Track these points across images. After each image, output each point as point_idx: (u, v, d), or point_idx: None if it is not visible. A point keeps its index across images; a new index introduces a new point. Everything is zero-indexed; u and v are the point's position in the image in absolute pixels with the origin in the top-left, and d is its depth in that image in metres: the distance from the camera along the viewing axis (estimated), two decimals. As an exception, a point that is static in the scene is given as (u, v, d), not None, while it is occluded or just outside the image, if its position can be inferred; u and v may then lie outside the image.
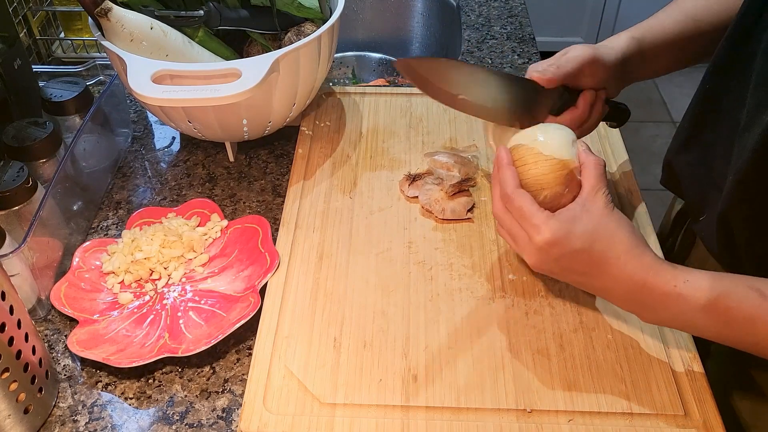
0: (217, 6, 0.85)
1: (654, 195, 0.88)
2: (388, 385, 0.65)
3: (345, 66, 1.31)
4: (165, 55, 0.81)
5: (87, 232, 0.84)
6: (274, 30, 0.90)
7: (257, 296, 0.71)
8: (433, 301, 0.72)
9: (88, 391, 0.67)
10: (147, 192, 0.90)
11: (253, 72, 0.74)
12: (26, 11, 1.07)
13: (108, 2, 0.77)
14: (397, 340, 0.68)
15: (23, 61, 0.87)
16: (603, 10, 2.73)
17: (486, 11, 1.27)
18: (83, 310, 0.72)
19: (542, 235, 0.61)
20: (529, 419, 0.62)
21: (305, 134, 0.94)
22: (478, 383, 0.65)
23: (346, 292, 0.73)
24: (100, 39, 0.80)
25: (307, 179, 0.87)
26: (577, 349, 0.67)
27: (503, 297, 0.72)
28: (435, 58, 0.68)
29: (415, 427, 0.61)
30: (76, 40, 1.15)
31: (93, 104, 0.87)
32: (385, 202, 0.84)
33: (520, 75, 0.73)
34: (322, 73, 0.89)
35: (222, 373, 0.69)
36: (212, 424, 0.65)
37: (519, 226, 0.64)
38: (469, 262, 0.76)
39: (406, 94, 1.01)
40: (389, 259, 0.77)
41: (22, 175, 0.73)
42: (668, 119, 2.57)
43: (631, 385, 0.64)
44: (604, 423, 0.62)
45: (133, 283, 0.76)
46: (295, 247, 0.78)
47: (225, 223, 0.82)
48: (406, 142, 0.92)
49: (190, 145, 0.96)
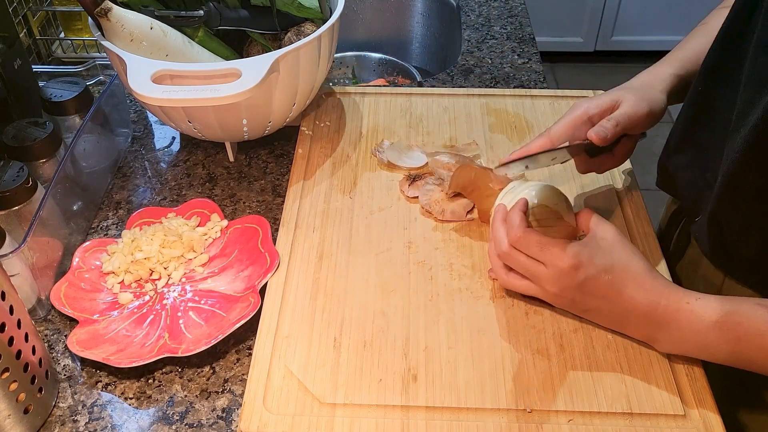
0: (217, 6, 0.85)
1: (654, 195, 0.88)
2: (388, 385, 0.64)
3: (345, 66, 1.31)
4: (165, 55, 0.81)
5: (87, 232, 0.84)
6: (274, 30, 0.90)
7: (257, 296, 0.71)
8: (433, 301, 0.72)
9: (88, 391, 0.67)
10: (147, 192, 0.90)
11: (253, 72, 0.74)
12: (26, 11, 1.07)
13: (108, 2, 0.77)
14: (397, 340, 0.68)
15: (23, 61, 0.87)
16: (603, 10, 2.73)
17: (486, 11, 1.27)
18: (83, 310, 0.72)
19: (566, 260, 0.63)
20: (529, 419, 0.62)
21: (305, 134, 0.94)
22: (478, 383, 0.65)
23: (346, 292, 0.73)
24: (100, 39, 0.80)
25: (307, 179, 0.87)
26: (577, 349, 0.67)
27: (503, 297, 0.72)
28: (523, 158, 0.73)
29: (415, 427, 0.61)
30: (76, 40, 1.15)
31: (93, 104, 0.87)
32: (385, 202, 0.83)
33: (579, 142, 0.73)
34: (322, 73, 0.89)
35: (222, 373, 0.69)
36: (212, 424, 0.65)
37: (535, 262, 0.66)
38: (469, 262, 0.76)
39: (406, 94, 1.01)
40: (389, 259, 0.76)
41: (22, 175, 0.73)
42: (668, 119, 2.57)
43: (631, 385, 0.64)
44: (604, 423, 0.62)
45: (133, 283, 0.76)
46: (295, 247, 0.78)
47: (225, 223, 0.82)
48: (406, 142, 0.92)
49: (190, 145, 0.96)
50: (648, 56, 2.90)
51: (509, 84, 1.07)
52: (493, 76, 1.09)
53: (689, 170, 0.76)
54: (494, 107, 0.98)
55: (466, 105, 0.98)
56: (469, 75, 1.10)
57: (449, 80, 1.09)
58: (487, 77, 1.09)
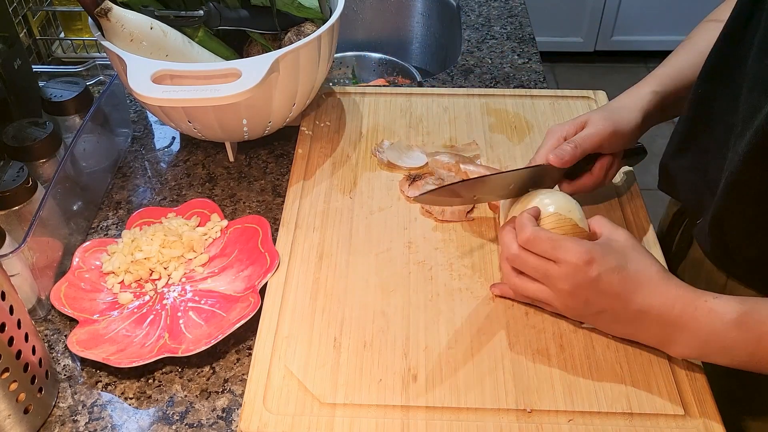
0: (217, 6, 0.85)
1: (654, 195, 0.88)
2: (388, 385, 0.64)
3: (345, 66, 1.31)
4: (165, 55, 0.81)
5: (87, 232, 0.84)
6: (274, 30, 0.90)
7: (257, 296, 0.71)
8: (433, 301, 0.72)
9: (88, 391, 0.67)
10: (147, 192, 0.90)
11: (253, 72, 0.74)
12: (26, 11, 1.07)
13: (108, 2, 0.77)
14: (397, 340, 0.68)
15: (23, 61, 0.87)
16: (603, 10, 2.73)
17: (486, 11, 1.27)
18: (83, 310, 0.72)
19: (579, 254, 0.62)
20: (529, 419, 0.62)
21: (305, 134, 0.94)
22: (478, 383, 0.65)
23: (346, 292, 0.73)
24: (100, 39, 0.80)
25: (307, 179, 0.87)
26: (577, 349, 0.67)
27: (503, 297, 0.72)
28: (447, 186, 0.73)
29: (415, 427, 0.61)
30: (76, 40, 1.15)
31: (93, 104, 0.87)
32: (385, 202, 0.83)
33: (535, 164, 0.74)
34: (322, 73, 0.89)
35: (222, 373, 0.69)
36: (212, 424, 0.65)
37: (546, 261, 0.64)
38: (469, 262, 0.76)
39: (406, 94, 1.01)
40: (389, 259, 0.76)
41: (22, 175, 0.73)
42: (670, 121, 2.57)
43: (631, 385, 0.64)
44: (604, 423, 0.62)
45: (133, 283, 0.76)
46: (295, 247, 0.78)
47: (225, 223, 0.82)
48: (406, 142, 0.92)
49: (190, 145, 0.96)
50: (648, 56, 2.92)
51: (509, 84, 1.07)
52: (493, 76, 1.09)
53: (691, 172, 0.76)
54: (494, 107, 0.98)
55: (466, 105, 0.98)
56: (469, 75, 1.10)
57: (449, 80, 1.09)
58: (487, 77, 1.09)
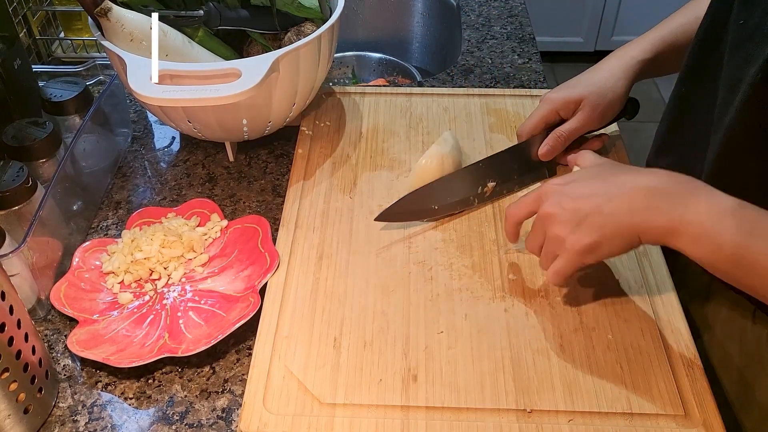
0: (217, 6, 0.85)
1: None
2: (388, 385, 0.64)
3: (345, 66, 1.31)
4: (165, 55, 0.81)
5: (87, 232, 0.84)
6: (274, 30, 0.90)
7: (257, 296, 0.71)
8: (433, 301, 0.72)
9: (88, 391, 0.67)
10: (147, 192, 0.90)
11: (253, 72, 0.74)
12: (26, 11, 1.07)
13: (108, 2, 0.77)
14: (397, 340, 0.68)
15: (23, 61, 0.87)
16: (603, 10, 2.73)
17: (486, 11, 1.27)
18: (83, 310, 0.72)
19: (545, 185, 0.67)
20: (529, 419, 0.62)
21: (305, 134, 0.94)
22: (478, 383, 0.65)
23: (346, 292, 0.73)
24: (100, 39, 0.80)
25: (307, 179, 0.87)
26: (577, 349, 0.67)
27: (503, 297, 0.72)
28: (399, 200, 0.79)
29: (415, 427, 0.61)
30: (76, 40, 1.15)
31: (93, 104, 0.87)
32: (385, 202, 0.83)
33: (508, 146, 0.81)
34: (322, 73, 0.89)
35: (222, 373, 0.69)
36: (212, 424, 0.65)
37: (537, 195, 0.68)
38: (469, 262, 0.76)
39: (406, 94, 1.01)
40: (389, 259, 0.76)
41: (22, 175, 0.73)
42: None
43: (631, 385, 0.64)
44: (604, 423, 0.62)
45: (133, 283, 0.76)
46: (295, 247, 0.78)
47: (225, 223, 0.82)
48: (406, 142, 0.92)
49: (190, 145, 0.96)
50: (648, 56, 2.91)
51: (509, 84, 1.07)
52: (493, 76, 1.09)
53: (674, 170, 0.76)
54: (494, 107, 0.98)
55: (466, 105, 0.98)
56: (469, 75, 1.10)
57: (449, 80, 1.09)
58: (487, 77, 1.09)
